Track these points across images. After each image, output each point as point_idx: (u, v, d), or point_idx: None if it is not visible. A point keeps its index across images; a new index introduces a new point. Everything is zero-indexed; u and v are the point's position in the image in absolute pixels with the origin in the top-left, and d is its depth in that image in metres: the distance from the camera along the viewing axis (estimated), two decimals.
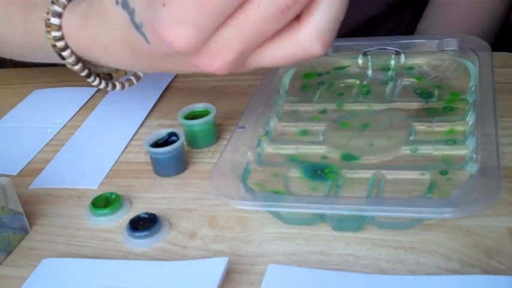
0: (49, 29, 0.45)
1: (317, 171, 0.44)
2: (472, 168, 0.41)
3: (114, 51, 0.43)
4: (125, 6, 0.38)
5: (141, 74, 0.51)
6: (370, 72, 0.56)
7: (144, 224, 0.43)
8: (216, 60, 0.37)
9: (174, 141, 0.49)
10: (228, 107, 0.56)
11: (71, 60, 0.47)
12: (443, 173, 0.43)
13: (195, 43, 0.36)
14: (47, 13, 0.45)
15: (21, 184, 0.51)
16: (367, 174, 0.44)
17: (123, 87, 0.50)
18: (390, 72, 0.56)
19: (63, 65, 0.62)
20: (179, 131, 0.50)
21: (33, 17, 0.49)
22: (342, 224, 0.41)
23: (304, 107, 0.53)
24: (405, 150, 0.46)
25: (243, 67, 0.38)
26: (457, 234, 0.40)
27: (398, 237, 0.40)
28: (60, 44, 0.46)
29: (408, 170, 0.44)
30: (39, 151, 0.56)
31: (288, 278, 0.38)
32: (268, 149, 0.48)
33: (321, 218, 0.41)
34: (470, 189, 0.37)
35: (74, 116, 0.61)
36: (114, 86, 0.50)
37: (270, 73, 0.55)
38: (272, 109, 0.52)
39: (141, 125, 0.57)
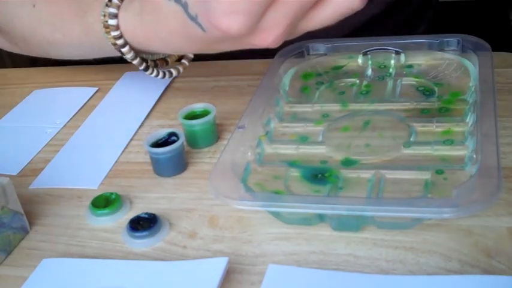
0: (108, 29, 0.50)
1: (317, 175, 0.44)
2: (472, 168, 0.41)
3: (172, 42, 0.47)
4: (178, 0, 0.42)
5: (191, 56, 0.56)
6: (370, 72, 0.56)
7: (144, 224, 0.43)
8: (269, 36, 0.41)
9: (174, 141, 0.49)
10: (228, 107, 0.56)
11: (130, 55, 0.52)
12: (439, 172, 0.43)
13: (248, 28, 0.39)
14: (104, 16, 0.50)
15: (21, 184, 0.51)
16: (367, 174, 0.44)
17: (178, 72, 0.56)
18: (390, 72, 0.56)
19: (64, 65, 0.62)
20: (179, 131, 0.50)
21: (89, 21, 0.53)
22: (342, 224, 0.41)
23: (304, 108, 0.53)
24: (405, 150, 0.46)
25: (293, 34, 0.42)
26: (457, 234, 0.40)
27: (398, 237, 0.40)
28: (120, 41, 0.50)
29: (408, 170, 0.44)
30: (39, 151, 0.56)
31: (288, 278, 0.38)
32: (268, 149, 0.48)
33: (321, 218, 0.41)
34: (470, 189, 0.37)
35: (74, 116, 0.61)
36: (170, 74, 0.55)
37: (270, 73, 0.55)
38: (272, 109, 0.52)
39: (141, 125, 0.57)
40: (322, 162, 0.45)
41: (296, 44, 0.58)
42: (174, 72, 0.55)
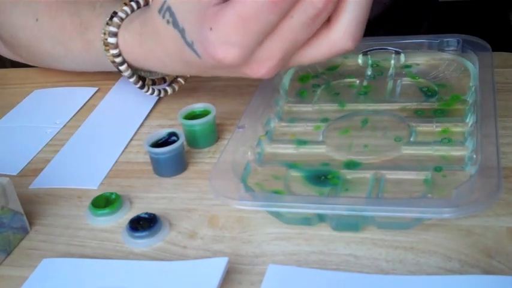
0: (107, 47, 0.52)
1: (320, 177, 0.44)
2: (472, 168, 0.41)
3: (169, 64, 0.48)
4: (176, 25, 0.43)
5: (188, 75, 0.57)
6: (369, 72, 0.56)
7: (144, 224, 0.43)
8: (262, 67, 0.42)
9: (174, 141, 0.49)
10: (228, 107, 0.56)
11: (127, 73, 0.53)
12: (437, 169, 0.43)
13: (242, 59, 0.40)
14: (104, 34, 0.52)
15: (21, 184, 0.51)
16: (367, 174, 0.44)
17: (173, 90, 0.57)
18: (390, 72, 0.56)
19: None
20: (179, 131, 0.50)
21: (90, 37, 0.55)
22: (342, 224, 0.41)
23: (304, 107, 0.53)
24: (405, 150, 0.46)
25: (286, 67, 0.43)
26: (457, 234, 0.40)
27: (398, 237, 0.40)
28: (118, 59, 0.52)
29: (408, 170, 0.44)
30: (39, 151, 0.56)
31: (288, 278, 0.38)
32: (268, 149, 0.48)
33: (321, 218, 0.41)
34: (470, 190, 0.37)
35: (74, 116, 0.61)
36: (166, 92, 0.57)
37: None
38: (272, 109, 0.52)
39: (141, 125, 0.57)
40: (324, 164, 0.45)
41: None
42: (170, 91, 0.56)
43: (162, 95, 0.56)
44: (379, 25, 0.72)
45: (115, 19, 0.51)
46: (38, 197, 0.49)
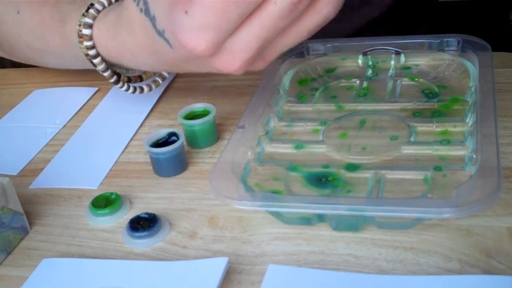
0: (81, 39, 0.50)
1: (321, 179, 0.44)
2: (472, 168, 0.41)
3: (141, 57, 0.47)
4: (147, 13, 0.42)
5: (166, 74, 0.56)
6: (369, 72, 0.56)
7: (144, 224, 0.43)
8: (236, 60, 0.40)
9: (174, 141, 0.49)
10: (228, 107, 0.56)
11: (101, 67, 0.51)
12: (437, 169, 0.43)
13: (215, 46, 0.38)
14: (79, 25, 0.50)
15: (21, 184, 0.51)
16: (367, 174, 0.44)
17: (150, 89, 0.55)
18: (390, 72, 0.56)
19: None
20: (179, 131, 0.50)
21: (67, 30, 0.53)
22: (342, 224, 0.41)
23: (304, 107, 0.53)
24: (405, 150, 0.46)
25: (258, 65, 0.41)
26: (457, 234, 0.40)
27: (398, 237, 0.40)
28: (91, 52, 0.50)
29: (408, 170, 0.44)
30: (39, 151, 0.56)
31: (288, 278, 0.38)
32: (268, 148, 0.48)
33: (321, 218, 0.41)
34: (470, 189, 0.37)
35: (74, 116, 0.61)
36: (142, 90, 0.54)
37: (270, 73, 0.55)
38: (272, 109, 0.52)
39: (141, 125, 0.57)
40: (325, 166, 0.45)
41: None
42: (146, 89, 0.55)
43: (137, 92, 0.54)
44: (379, 25, 0.72)
45: (91, 10, 0.50)
46: (38, 197, 0.49)
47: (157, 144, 0.49)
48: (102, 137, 0.57)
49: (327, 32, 0.68)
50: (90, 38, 0.50)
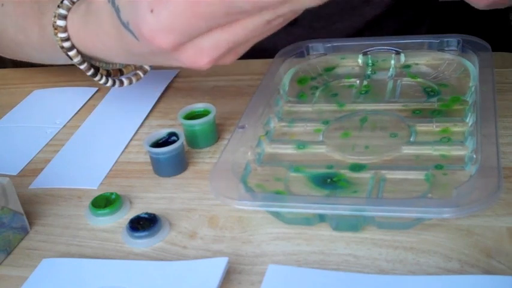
0: (56, 30, 0.48)
1: (326, 180, 0.44)
2: (472, 168, 0.41)
3: (112, 47, 0.46)
4: (112, 3, 0.41)
5: (147, 68, 0.53)
6: (369, 71, 0.56)
7: (144, 224, 0.43)
8: (204, 56, 0.39)
9: (174, 141, 0.49)
10: (228, 107, 0.56)
11: (77, 59, 0.49)
12: (437, 169, 0.43)
13: (179, 45, 0.38)
14: (54, 16, 0.48)
15: (21, 184, 0.51)
16: (368, 174, 0.44)
17: (130, 82, 0.52)
18: (390, 72, 0.56)
19: (63, 65, 0.63)
20: (179, 131, 0.50)
21: (45, 22, 0.51)
22: (342, 224, 0.41)
23: (304, 107, 0.53)
24: (405, 150, 0.46)
25: (228, 59, 0.40)
26: (457, 234, 0.40)
27: (398, 237, 0.40)
28: (66, 44, 0.48)
29: (408, 170, 0.44)
30: (39, 151, 0.56)
31: (288, 278, 0.38)
32: (268, 149, 0.48)
33: (321, 218, 0.41)
34: (470, 189, 0.37)
35: (74, 116, 0.61)
36: (121, 83, 0.52)
37: (270, 73, 0.55)
38: (272, 109, 0.52)
39: (141, 125, 0.57)
40: (329, 167, 0.45)
41: (296, 44, 0.58)
42: (126, 82, 0.52)
43: (117, 85, 0.52)
44: (379, 25, 0.72)
45: (65, 1, 0.48)
46: (38, 197, 0.49)
47: (157, 144, 0.49)
48: (102, 137, 0.57)
49: (327, 32, 0.68)
50: (65, 29, 0.48)
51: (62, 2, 0.49)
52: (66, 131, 0.58)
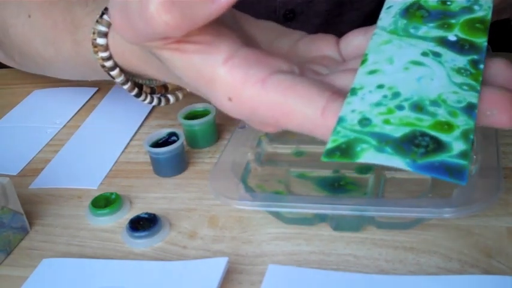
0: (96, 49, 0.44)
1: (334, 184, 0.44)
2: (472, 168, 0.41)
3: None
4: None
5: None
6: None
7: (144, 224, 0.43)
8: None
9: (174, 141, 0.49)
10: None
11: (119, 79, 0.46)
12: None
13: None
14: (93, 33, 0.44)
15: (21, 184, 0.51)
16: (368, 174, 0.44)
17: (177, 99, 0.49)
18: None
19: None
20: (179, 131, 0.50)
21: (80, 38, 0.48)
22: (342, 224, 0.41)
23: None
24: None
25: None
26: (457, 234, 0.40)
27: (398, 237, 0.40)
28: (108, 64, 0.45)
29: None
30: (39, 151, 0.56)
31: (288, 278, 0.38)
32: (269, 148, 0.48)
33: (321, 218, 0.41)
34: (470, 189, 0.37)
35: (74, 116, 0.61)
36: (167, 100, 0.48)
37: None
38: None
39: (141, 125, 0.57)
40: (335, 171, 0.45)
41: None
42: (172, 99, 0.49)
43: (162, 103, 0.48)
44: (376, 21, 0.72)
45: (105, 16, 0.43)
46: (38, 197, 0.49)
47: (157, 144, 0.49)
48: (102, 137, 0.57)
49: (326, 28, 0.67)
50: (106, 48, 0.44)
51: (101, 17, 0.44)
52: (66, 131, 0.58)
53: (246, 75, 0.31)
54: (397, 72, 0.28)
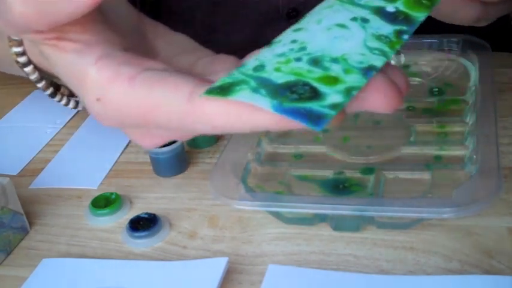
0: (10, 44, 0.42)
1: (338, 185, 0.44)
2: (472, 168, 0.41)
3: None
4: None
5: None
6: None
7: (144, 224, 0.43)
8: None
9: (174, 141, 0.49)
10: None
11: (33, 77, 0.44)
12: (437, 169, 0.43)
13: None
14: None
15: (21, 184, 0.51)
16: (371, 175, 0.44)
17: None
18: None
19: None
20: None
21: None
22: (342, 224, 0.41)
23: None
24: (405, 150, 0.46)
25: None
26: (457, 234, 0.40)
27: (398, 237, 0.40)
28: (22, 59, 0.43)
29: (408, 170, 0.44)
30: (39, 151, 0.56)
31: (288, 278, 0.38)
32: (269, 148, 0.48)
33: (321, 218, 0.41)
34: (470, 189, 0.37)
35: (74, 116, 0.61)
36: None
37: None
38: None
39: None
40: (339, 173, 0.45)
41: None
42: None
43: (80, 108, 0.46)
44: None
45: None
46: (38, 197, 0.49)
47: None
48: (102, 137, 0.57)
49: None
50: (20, 43, 0.42)
51: None
52: (66, 131, 0.58)
53: (114, 74, 0.30)
54: (319, 31, 0.28)
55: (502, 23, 0.72)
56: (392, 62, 0.56)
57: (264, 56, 0.27)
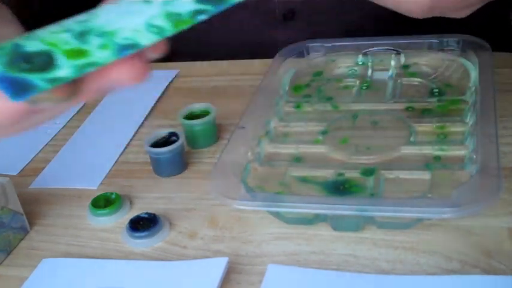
0: None
1: (339, 187, 0.44)
2: (472, 168, 0.41)
3: None
4: None
5: None
6: (369, 72, 0.56)
7: (144, 224, 0.43)
8: None
9: (174, 141, 0.49)
10: (228, 107, 0.56)
11: None
12: (437, 169, 0.43)
13: None
14: None
15: (21, 184, 0.51)
16: (372, 176, 0.44)
17: None
18: (390, 72, 0.56)
19: None
20: (179, 131, 0.50)
21: None
22: (342, 224, 0.41)
23: (304, 107, 0.53)
24: (405, 150, 0.46)
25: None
26: (457, 234, 0.40)
27: (398, 237, 0.40)
28: None
29: (408, 170, 0.44)
30: (39, 151, 0.56)
31: (288, 278, 0.38)
32: (268, 148, 0.48)
33: (321, 218, 0.41)
34: (470, 189, 0.37)
35: (74, 116, 0.61)
36: None
37: (270, 73, 0.55)
38: (272, 109, 0.52)
39: (141, 125, 0.57)
40: (340, 174, 0.45)
41: (296, 44, 0.58)
42: None
43: None
44: (379, 19, 0.72)
45: None
46: (38, 197, 0.49)
47: (157, 144, 0.49)
48: (102, 137, 0.57)
49: (326, 26, 0.67)
50: None
51: None
52: (66, 131, 0.58)
53: None
54: (123, 5, 0.27)
55: (502, 23, 0.72)
56: (392, 62, 0.56)
57: (53, 26, 0.27)
